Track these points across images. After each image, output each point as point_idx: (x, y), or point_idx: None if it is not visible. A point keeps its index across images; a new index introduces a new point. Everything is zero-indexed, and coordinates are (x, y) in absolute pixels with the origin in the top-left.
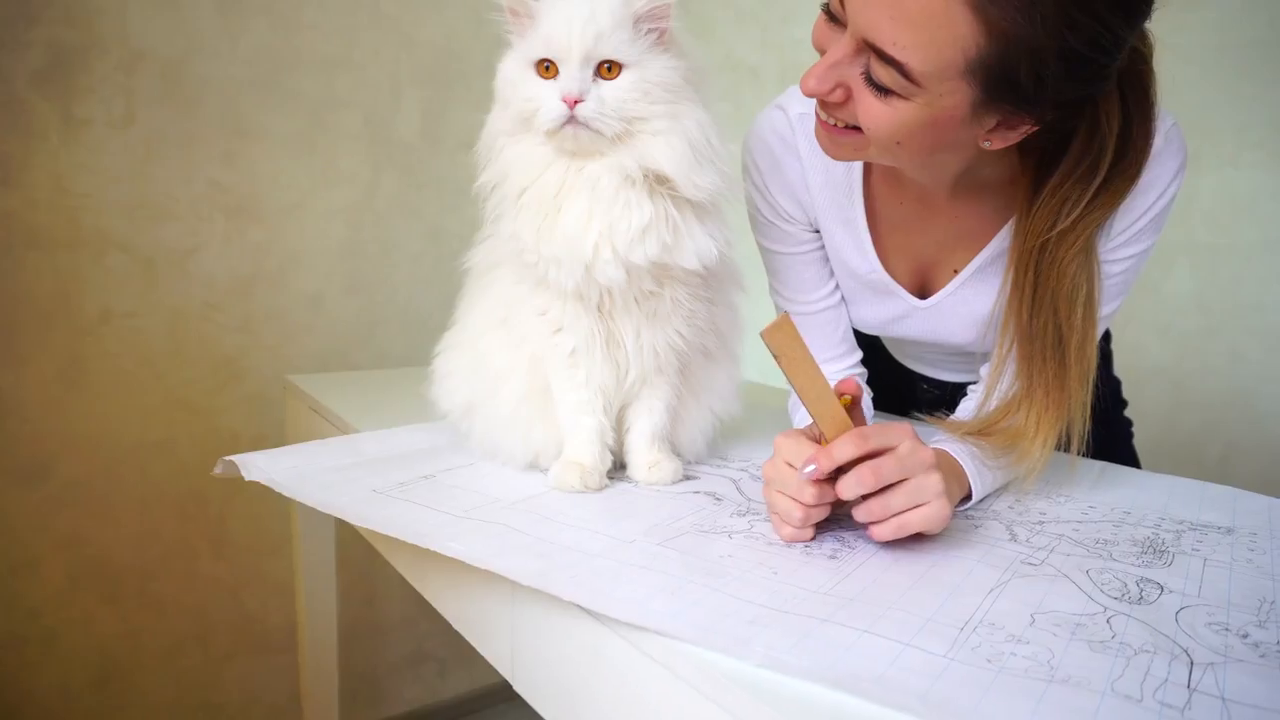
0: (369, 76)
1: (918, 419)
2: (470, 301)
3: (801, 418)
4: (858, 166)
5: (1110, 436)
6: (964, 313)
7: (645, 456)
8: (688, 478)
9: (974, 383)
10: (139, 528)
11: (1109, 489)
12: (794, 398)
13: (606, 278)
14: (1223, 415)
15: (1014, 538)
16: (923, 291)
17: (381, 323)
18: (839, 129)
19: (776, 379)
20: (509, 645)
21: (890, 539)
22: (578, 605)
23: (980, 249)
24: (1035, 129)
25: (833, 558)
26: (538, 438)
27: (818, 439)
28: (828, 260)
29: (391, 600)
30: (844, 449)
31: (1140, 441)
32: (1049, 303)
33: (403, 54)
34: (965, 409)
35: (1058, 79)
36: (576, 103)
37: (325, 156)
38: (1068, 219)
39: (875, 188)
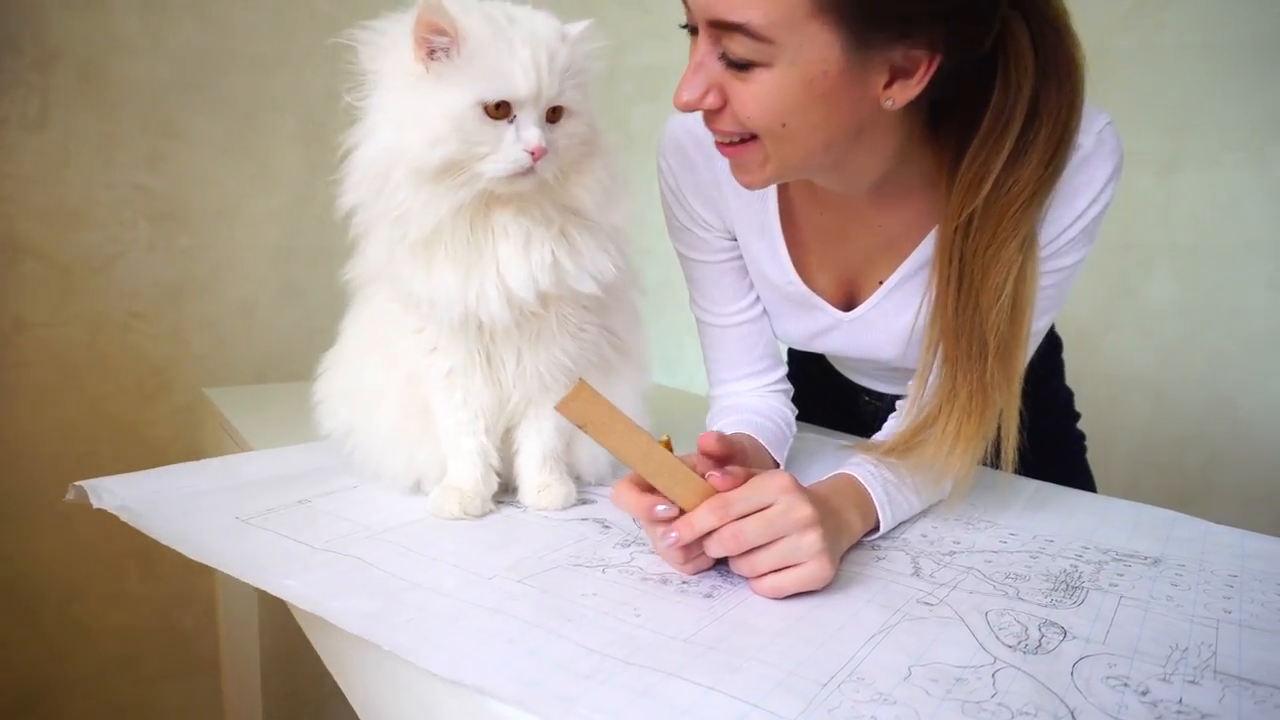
0: (304, 77)
1: (845, 437)
2: (350, 318)
3: (728, 427)
4: None
5: (1061, 452)
6: (890, 326)
7: (535, 480)
8: (583, 501)
9: None
10: (60, 546)
11: (1036, 512)
12: (711, 411)
13: (490, 317)
14: (1204, 424)
15: (917, 571)
16: (849, 304)
17: (320, 331)
18: (737, 146)
19: (697, 384)
20: (364, 690)
21: (771, 598)
22: (397, 656)
23: (905, 257)
24: (935, 64)
25: (708, 596)
26: (420, 460)
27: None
28: (748, 271)
29: None
30: (705, 519)
31: (1121, 450)
32: (973, 299)
33: (340, 54)
34: (889, 427)
35: None
36: (543, 154)
37: (258, 159)
38: (983, 190)
39: (793, 197)
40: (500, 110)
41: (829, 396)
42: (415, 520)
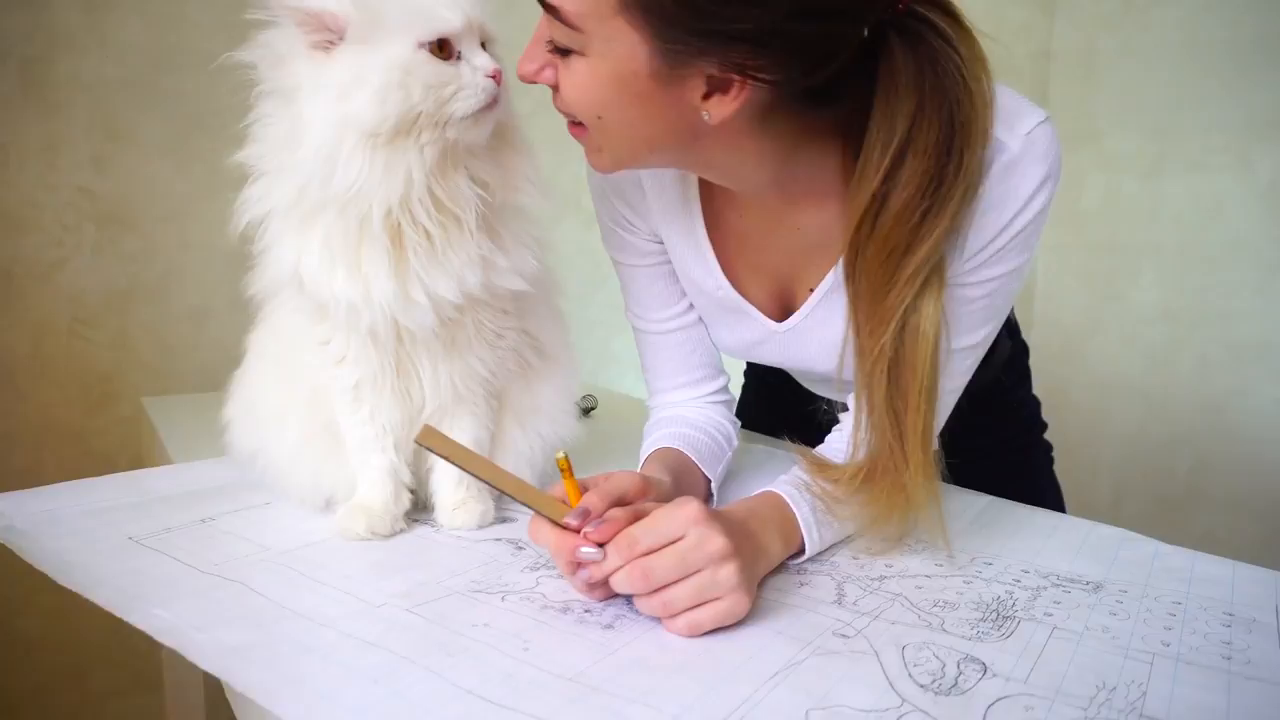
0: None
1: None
2: (253, 335)
3: (650, 445)
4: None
5: (1026, 464)
6: (822, 337)
7: (450, 497)
8: (502, 520)
9: None
10: (3, 558)
11: (980, 531)
12: (648, 423)
13: (415, 322)
14: (1192, 428)
15: (840, 599)
16: (785, 315)
17: None
18: (577, 127)
19: (636, 386)
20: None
21: (687, 635)
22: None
23: (834, 263)
24: (748, 87)
25: (609, 627)
26: (328, 478)
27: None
28: (679, 277)
29: None
30: (612, 558)
31: (1108, 456)
32: (870, 318)
33: None
34: (833, 444)
35: (715, 4)
36: (500, 76)
37: (209, 161)
38: (850, 231)
39: (713, 198)
40: (444, 50)
41: (787, 405)
42: (319, 541)
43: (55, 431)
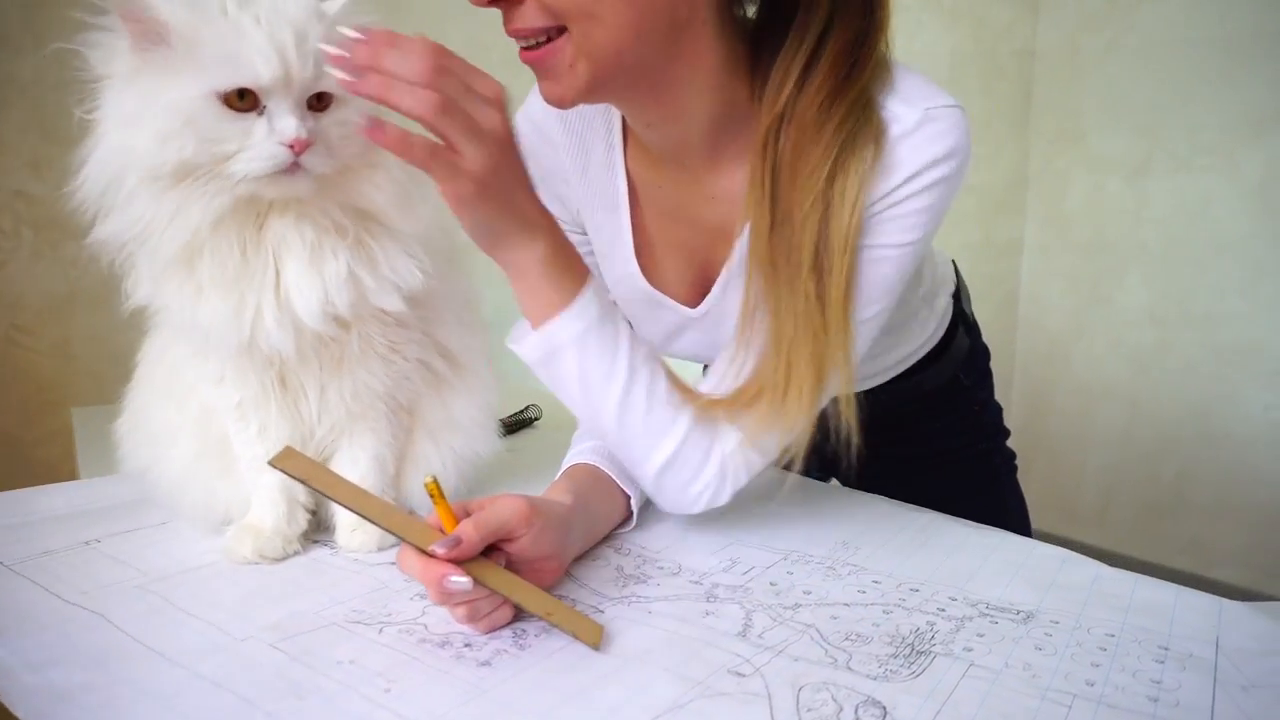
0: None
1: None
2: (143, 350)
3: (568, 460)
4: (618, 144)
5: (987, 472)
6: (735, 321)
7: (350, 517)
8: None
9: None
10: None
11: (916, 552)
12: (576, 433)
13: (271, 346)
14: (1177, 434)
15: (745, 631)
16: (702, 299)
17: None
18: (542, 49)
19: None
20: None
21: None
22: None
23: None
24: None
25: (486, 664)
26: (222, 497)
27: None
28: (602, 273)
29: None
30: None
31: (1094, 462)
32: (785, 212)
33: None
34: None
35: None
36: (306, 146)
37: None
38: (784, 93)
39: (635, 173)
40: (246, 101)
41: None
42: (205, 565)
43: None
